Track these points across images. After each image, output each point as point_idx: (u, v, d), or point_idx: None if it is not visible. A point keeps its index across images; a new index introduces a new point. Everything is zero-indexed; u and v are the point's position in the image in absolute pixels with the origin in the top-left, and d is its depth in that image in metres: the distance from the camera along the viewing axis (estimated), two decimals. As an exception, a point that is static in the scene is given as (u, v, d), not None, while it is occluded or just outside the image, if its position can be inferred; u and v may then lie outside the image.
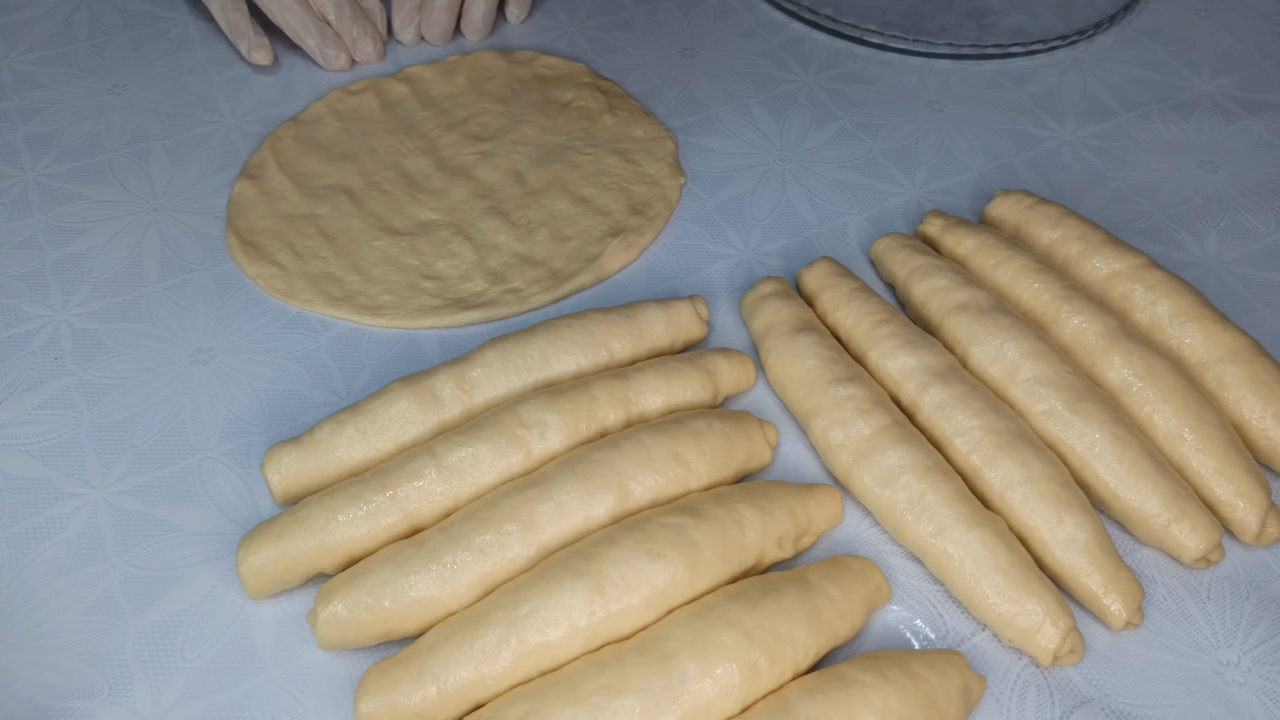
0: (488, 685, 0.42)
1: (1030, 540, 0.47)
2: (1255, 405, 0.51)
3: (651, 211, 0.63)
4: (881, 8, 0.77)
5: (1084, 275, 0.56)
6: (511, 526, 0.45)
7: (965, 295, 0.54)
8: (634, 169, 0.65)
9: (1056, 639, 0.44)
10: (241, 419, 0.53)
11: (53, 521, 0.49)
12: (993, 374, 0.52)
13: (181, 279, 0.60)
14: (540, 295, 0.58)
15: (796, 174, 0.66)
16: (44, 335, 0.57)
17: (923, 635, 0.47)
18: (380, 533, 0.46)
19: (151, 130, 0.68)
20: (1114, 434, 0.48)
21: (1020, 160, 0.68)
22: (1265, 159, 0.68)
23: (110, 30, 0.75)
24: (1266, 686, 0.45)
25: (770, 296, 0.56)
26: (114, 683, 0.45)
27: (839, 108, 0.71)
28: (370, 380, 0.55)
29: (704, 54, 0.75)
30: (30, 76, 0.71)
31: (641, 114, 0.68)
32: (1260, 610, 0.47)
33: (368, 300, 0.58)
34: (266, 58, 0.71)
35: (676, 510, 0.45)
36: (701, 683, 0.41)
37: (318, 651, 0.46)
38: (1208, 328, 0.52)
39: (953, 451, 0.49)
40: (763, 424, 0.51)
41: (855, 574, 0.46)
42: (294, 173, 0.64)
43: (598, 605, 0.42)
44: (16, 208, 0.63)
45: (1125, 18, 0.78)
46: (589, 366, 0.52)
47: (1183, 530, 0.47)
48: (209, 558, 0.48)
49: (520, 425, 0.48)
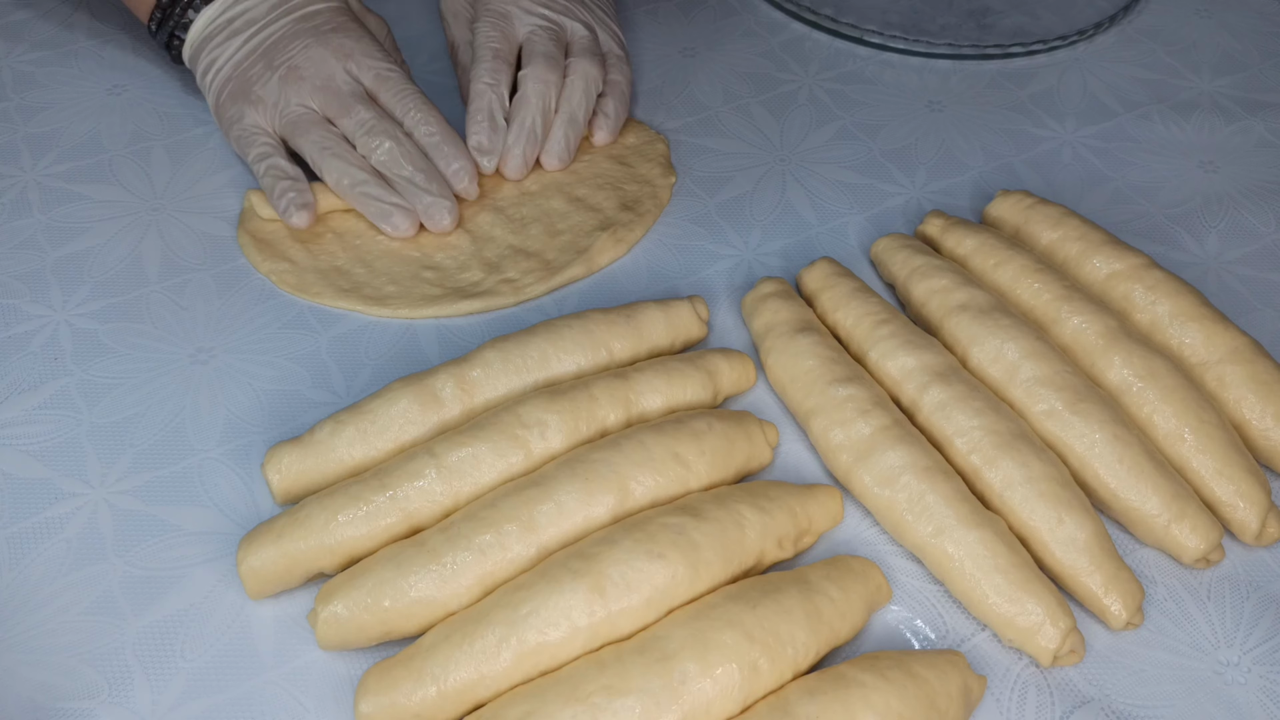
0: (488, 685, 0.42)
1: (1030, 540, 0.47)
2: (1255, 405, 0.51)
3: (642, 209, 0.63)
4: (881, 8, 0.77)
5: (1084, 275, 0.56)
6: (511, 526, 0.45)
7: (965, 295, 0.54)
8: (627, 170, 0.65)
9: (1056, 639, 0.44)
10: (241, 419, 0.53)
11: (53, 521, 0.49)
12: (993, 374, 0.52)
13: (181, 279, 0.60)
14: (535, 286, 0.59)
15: (796, 174, 0.66)
16: (44, 335, 0.57)
17: (923, 635, 0.47)
18: (380, 533, 0.46)
19: (151, 130, 0.68)
20: (1114, 434, 0.48)
21: (1020, 160, 0.68)
22: (1265, 159, 0.68)
23: (110, 30, 0.74)
24: (1266, 686, 0.45)
25: (770, 296, 0.56)
26: (114, 683, 0.45)
27: (839, 108, 0.71)
28: (370, 380, 0.55)
29: (704, 54, 0.75)
30: (30, 76, 0.71)
31: (634, 122, 0.69)
32: (1260, 610, 0.47)
33: (373, 291, 0.59)
34: (306, 220, 0.60)
35: (677, 510, 0.45)
36: (701, 683, 0.41)
37: (318, 651, 0.46)
38: (1208, 328, 0.52)
39: (953, 452, 0.49)
40: (763, 424, 0.51)
41: (855, 574, 0.46)
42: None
43: (598, 605, 0.42)
44: (16, 208, 0.63)
45: (1125, 18, 0.78)
46: (589, 366, 0.52)
47: (1183, 530, 0.47)
48: (209, 558, 0.48)
49: (520, 425, 0.48)
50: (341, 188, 0.59)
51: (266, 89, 0.61)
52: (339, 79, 0.61)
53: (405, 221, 0.59)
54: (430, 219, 0.60)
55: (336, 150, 0.59)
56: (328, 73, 0.61)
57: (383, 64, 0.62)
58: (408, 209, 0.59)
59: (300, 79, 0.60)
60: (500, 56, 0.63)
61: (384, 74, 0.61)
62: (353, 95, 0.60)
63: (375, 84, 0.61)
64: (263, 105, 0.61)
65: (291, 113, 0.60)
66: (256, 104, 0.61)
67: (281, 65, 0.61)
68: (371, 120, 0.60)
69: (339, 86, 0.60)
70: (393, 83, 0.61)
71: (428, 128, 0.60)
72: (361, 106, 0.60)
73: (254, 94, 0.61)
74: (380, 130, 0.59)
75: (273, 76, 0.61)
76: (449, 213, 0.60)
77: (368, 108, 0.60)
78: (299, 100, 0.60)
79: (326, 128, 0.60)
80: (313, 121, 0.60)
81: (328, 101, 0.60)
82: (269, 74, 0.61)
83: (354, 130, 0.60)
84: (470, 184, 0.61)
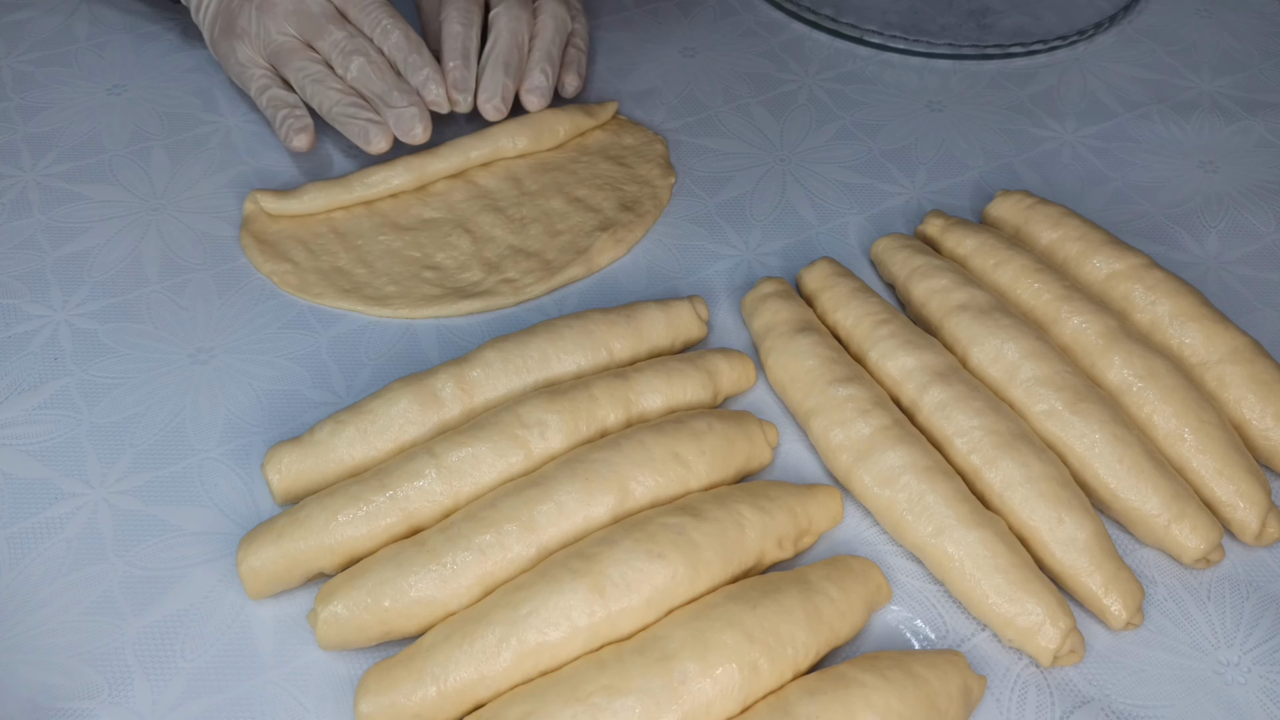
0: (488, 685, 0.42)
1: (1030, 540, 0.47)
2: (1255, 405, 0.51)
3: (641, 209, 0.63)
4: (881, 8, 0.77)
5: (1084, 275, 0.56)
6: (511, 526, 0.45)
7: (965, 295, 0.54)
8: (626, 171, 0.65)
9: (1056, 639, 0.44)
10: (241, 419, 0.53)
11: (53, 521, 0.49)
12: (993, 374, 0.52)
13: (181, 279, 0.60)
14: (534, 286, 0.59)
15: (796, 174, 0.66)
16: (44, 335, 0.57)
17: (923, 635, 0.47)
18: (380, 533, 0.46)
19: (151, 130, 0.68)
20: (1114, 434, 0.48)
21: (1020, 160, 0.68)
22: (1265, 159, 0.68)
23: (110, 30, 0.74)
24: (1266, 686, 0.45)
25: (770, 296, 0.56)
26: (114, 683, 0.45)
27: (839, 108, 0.71)
28: (370, 380, 0.55)
29: (704, 54, 0.75)
30: (30, 76, 0.71)
31: (630, 124, 0.69)
32: (1260, 610, 0.47)
33: (374, 291, 0.59)
34: (305, 142, 0.61)
35: (676, 510, 0.45)
36: (701, 683, 0.41)
37: (318, 651, 0.46)
38: (1208, 328, 0.52)
39: (953, 451, 0.49)
40: (763, 424, 0.51)
41: (855, 574, 0.46)
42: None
43: (598, 605, 0.42)
44: (16, 208, 0.63)
45: (1125, 18, 0.78)
46: (589, 366, 0.52)
47: (1183, 530, 0.47)
48: (209, 558, 0.48)
49: (520, 425, 0.48)
50: (324, 111, 0.61)
51: (248, 20, 0.62)
52: (310, 1, 0.62)
53: (380, 137, 0.60)
54: (401, 130, 0.60)
55: (316, 75, 0.61)
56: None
57: None
58: (382, 124, 0.60)
59: (273, 6, 0.62)
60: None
61: None
62: (324, 15, 0.62)
63: (343, 1, 0.63)
64: (248, 37, 0.62)
65: (274, 42, 0.62)
66: (242, 37, 0.63)
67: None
68: (344, 39, 0.61)
69: (309, 9, 0.62)
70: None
71: (393, 39, 0.61)
72: (334, 26, 0.61)
73: (239, 27, 0.63)
74: (352, 49, 0.61)
75: (250, 6, 0.62)
76: (418, 120, 0.60)
77: (340, 27, 0.61)
78: (278, 29, 0.62)
79: (307, 54, 0.62)
80: (293, 49, 0.62)
81: (303, 26, 0.62)
82: (247, 4, 0.62)
83: (329, 52, 0.61)
84: (439, 92, 0.61)
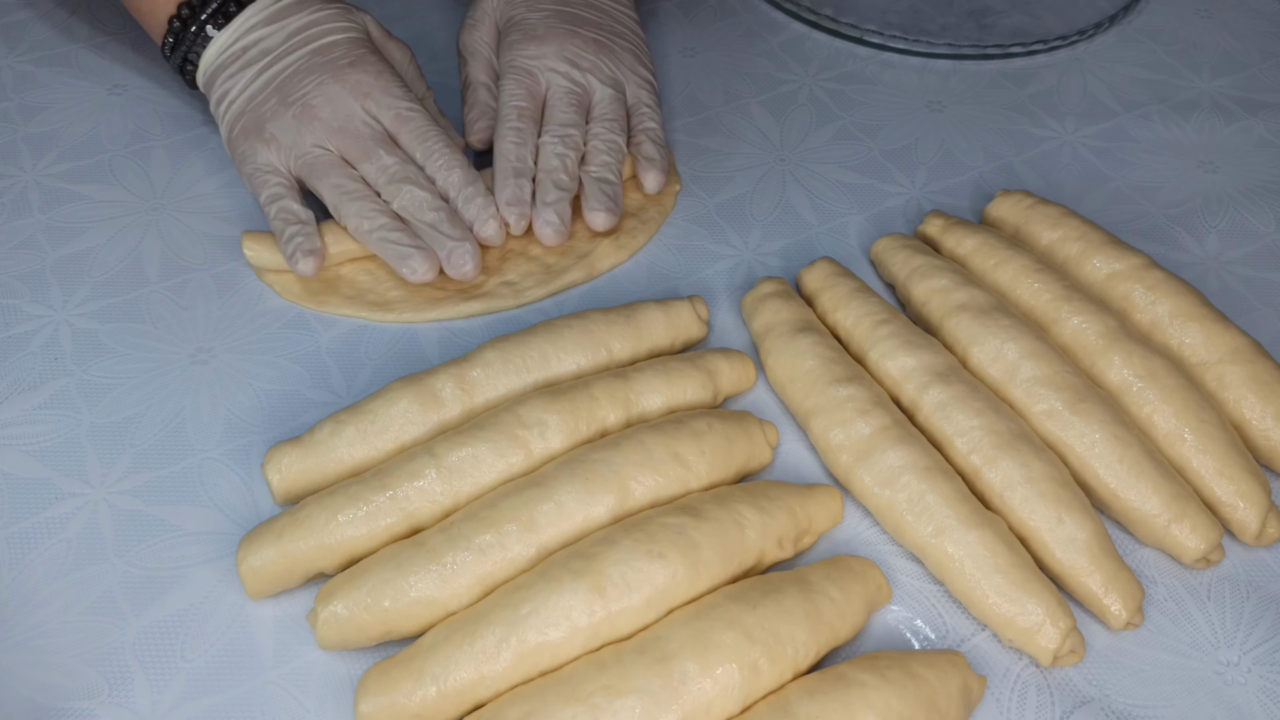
0: (488, 685, 0.42)
1: (1030, 540, 0.47)
2: (1255, 405, 0.51)
3: (645, 215, 0.63)
4: (881, 8, 0.77)
5: (1084, 275, 0.56)
6: (511, 526, 0.45)
7: (965, 295, 0.54)
8: (632, 179, 0.65)
9: (1056, 639, 0.44)
10: (241, 419, 0.53)
11: (53, 521, 0.49)
12: (993, 374, 0.52)
13: (181, 279, 0.60)
14: (534, 289, 0.59)
15: (796, 174, 0.66)
16: (44, 335, 0.57)
17: (923, 635, 0.47)
18: (380, 533, 0.46)
19: (151, 130, 0.68)
20: (1114, 434, 0.48)
21: (1020, 160, 0.68)
22: (1265, 159, 0.68)
23: (110, 30, 0.74)
24: (1266, 686, 0.45)
25: (770, 297, 0.56)
26: (114, 683, 0.45)
27: (839, 108, 0.71)
28: (370, 380, 0.55)
29: (704, 54, 0.75)
30: (30, 76, 0.71)
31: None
32: (1260, 610, 0.47)
33: (377, 297, 0.58)
34: (312, 267, 0.57)
35: (677, 510, 0.45)
36: (702, 683, 0.41)
37: (318, 651, 0.46)
38: (1208, 328, 0.52)
39: (953, 452, 0.49)
40: (763, 424, 0.51)
41: (855, 574, 0.46)
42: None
43: (598, 605, 0.42)
44: (16, 208, 0.63)
45: (1125, 18, 0.78)
46: (589, 366, 0.52)
47: (1183, 530, 0.47)
48: (209, 558, 0.48)
49: (520, 425, 0.48)
50: (361, 233, 0.57)
51: (281, 128, 0.58)
52: (357, 120, 0.58)
53: (424, 265, 0.56)
54: (452, 264, 0.57)
55: (355, 194, 0.57)
56: (345, 113, 0.58)
57: (403, 103, 0.59)
58: (427, 252, 0.57)
59: (316, 119, 0.58)
60: (525, 115, 0.61)
61: (404, 114, 0.59)
62: (373, 138, 0.58)
63: (395, 124, 0.59)
64: (276, 144, 0.58)
65: (308, 155, 0.58)
66: (270, 142, 0.58)
67: (296, 103, 0.58)
68: (394, 166, 0.57)
69: (357, 128, 0.58)
70: (414, 123, 0.59)
71: (451, 174, 0.58)
72: (383, 150, 0.58)
73: (267, 131, 0.59)
74: (403, 177, 0.57)
75: (287, 114, 0.58)
76: (471, 257, 0.57)
77: (389, 152, 0.58)
78: (315, 141, 0.58)
79: (344, 170, 0.58)
80: (330, 164, 0.58)
81: (346, 144, 0.58)
82: (283, 111, 0.58)
83: (375, 176, 0.58)
84: (497, 230, 0.58)
